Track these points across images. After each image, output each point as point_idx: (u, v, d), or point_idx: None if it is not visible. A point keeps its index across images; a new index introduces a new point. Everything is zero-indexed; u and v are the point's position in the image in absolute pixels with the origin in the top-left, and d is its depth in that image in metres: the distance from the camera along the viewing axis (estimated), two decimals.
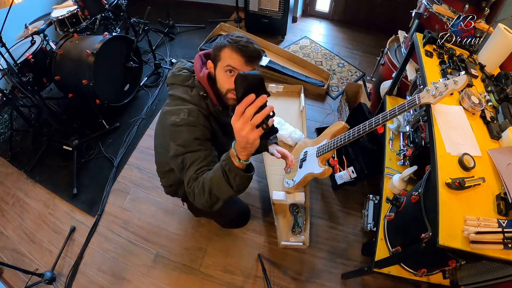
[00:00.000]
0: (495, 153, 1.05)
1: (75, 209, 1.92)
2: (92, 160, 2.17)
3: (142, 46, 2.70)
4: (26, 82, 1.86)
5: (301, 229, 1.74)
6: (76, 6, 2.18)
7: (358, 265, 1.69)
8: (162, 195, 1.94)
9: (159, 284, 1.63)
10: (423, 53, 1.42)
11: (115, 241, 1.78)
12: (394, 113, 1.25)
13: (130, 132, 2.32)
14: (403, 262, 1.30)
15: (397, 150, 1.70)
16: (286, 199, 1.81)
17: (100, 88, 2.09)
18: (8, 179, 2.10)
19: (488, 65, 1.41)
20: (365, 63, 2.93)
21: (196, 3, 3.63)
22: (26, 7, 2.13)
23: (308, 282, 1.63)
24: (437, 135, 1.08)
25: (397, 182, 1.51)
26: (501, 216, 0.91)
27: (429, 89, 1.14)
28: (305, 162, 1.72)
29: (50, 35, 2.20)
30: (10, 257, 1.75)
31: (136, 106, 2.51)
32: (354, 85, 2.40)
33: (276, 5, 2.87)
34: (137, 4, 3.12)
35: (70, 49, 2.11)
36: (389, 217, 1.39)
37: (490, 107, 1.24)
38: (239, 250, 1.74)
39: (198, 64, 1.12)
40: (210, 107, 1.11)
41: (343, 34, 3.29)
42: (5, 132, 2.37)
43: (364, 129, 1.35)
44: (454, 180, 0.93)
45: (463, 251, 0.85)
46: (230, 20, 3.34)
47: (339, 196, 1.98)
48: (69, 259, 1.72)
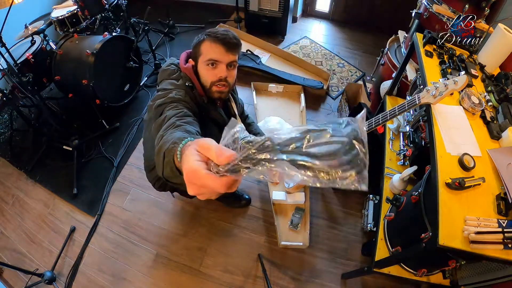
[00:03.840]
0: (495, 153, 1.05)
1: (75, 209, 1.92)
2: (92, 160, 2.16)
3: (142, 46, 2.69)
4: (26, 82, 1.86)
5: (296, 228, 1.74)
6: (76, 6, 2.18)
7: (358, 265, 1.69)
8: (162, 195, 1.94)
9: (159, 284, 1.63)
10: (423, 53, 1.42)
11: (115, 241, 1.78)
12: (394, 113, 1.25)
13: (130, 132, 2.32)
14: (403, 262, 1.30)
15: (397, 150, 1.70)
16: (286, 199, 1.81)
17: (100, 88, 2.09)
18: (8, 179, 2.10)
19: (488, 65, 1.41)
20: (365, 63, 2.93)
21: (196, 3, 3.63)
22: (26, 7, 2.13)
23: (308, 282, 1.63)
24: (437, 135, 1.08)
25: (397, 182, 1.51)
26: (501, 216, 0.91)
27: (429, 89, 1.14)
28: None
29: (50, 35, 2.20)
30: (10, 257, 1.75)
31: (136, 106, 2.51)
32: (354, 85, 2.40)
33: (276, 5, 2.87)
34: (137, 4, 3.12)
35: (70, 49, 2.11)
36: (389, 217, 1.39)
37: (490, 107, 1.24)
38: (239, 250, 1.74)
39: (183, 58, 1.16)
40: (197, 98, 1.12)
41: (343, 34, 3.29)
42: (5, 132, 2.37)
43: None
44: (454, 180, 0.93)
45: (463, 251, 0.85)
46: (230, 20, 3.34)
47: (339, 196, 1.98)
48: (69, 259, 1.72)
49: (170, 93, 1.04)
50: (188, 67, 1.12)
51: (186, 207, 1.90)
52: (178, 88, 1.08)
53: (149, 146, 1.34)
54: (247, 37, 2.98)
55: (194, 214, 1.87)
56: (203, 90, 1.15)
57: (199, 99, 1.13)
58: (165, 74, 1.15)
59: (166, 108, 0.97)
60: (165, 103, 1.00)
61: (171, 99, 1.01)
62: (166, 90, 1.07)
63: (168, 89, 1.07)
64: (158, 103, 1.02)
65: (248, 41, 2.97)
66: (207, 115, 1.18)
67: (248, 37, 2.97)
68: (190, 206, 1.90)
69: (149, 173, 1.46)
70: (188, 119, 0.92)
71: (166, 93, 1.05)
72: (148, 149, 1.39)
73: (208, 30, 1.09)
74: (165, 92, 1.06)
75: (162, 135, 0.79)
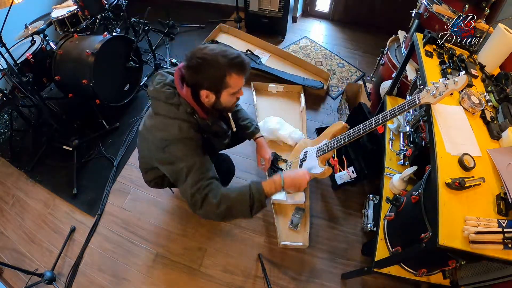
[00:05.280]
0: (495, 153, 1.05)
1: (75, 209, 1.92)
2: (92, 160, 2.17)
3: (142, 46, 2.70)
4: (26, 82, 1.86)
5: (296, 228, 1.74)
6: (76, 6, 2.19)
7: (358, 265, 1.69)
8: (162, 195, 1.95)
9: (159, 284, 1.63)
10: (423, 53, 1.42)
11: (115, 241, 1.78)
12: (394, 113, 1.25)
13: (130, 132, 2.32)
14: (403, 262, 1.30)
15: (397, 150, 1.70)
16: (286, 199, 1.81)
17: (100, 88, 2.09)
18: (8, 179, 2.10)
19: (488, 65, 1.41)
20: (365, 63, 2.93)
21: (196, 3, 3.63)
22: (26, 7, 2.13)
23: (308, 282, 1.63)
24: (437, 135, 1.08)
25: (397, 182, 1.51)
26: (501, 216, 0.91)
27: (429, 89, 1.14)
28: (305, 162, 1.72)
29: (50, 35, 2.20)
30: (10, 257, 1.75)
31: (136, 106, 2.51)
32: (354, 85, 2.40)
33: (276, 5, 2.87)
34: (137, 4, 3.12)
35: (70, 49, 2.11)
36: (389, 217, 1.39)
37: (490, 107, 1.24)
38: (239, 250, 1.74)
39: (179, 81, 1.09)
40: (199, 121, 1.12)
41: (343, 34, 3.29)
42: (5, 132, 2.37)
43: (364, 129, 1.35)
44: (454, 180, 0.93)
45: (463, 251, 0.85)
46: (230, 20, 3.34)
47: (339, 196, 1.98)
48: (69, 259, 1.72)
49: (173, 128, 1.05)
50: (188, 95, 1.07)
51: (186, 207, 1.90)
52: (179, 119, 1.06)
53: (145, 151, 1.31)
54: (247, 37, 2.98)
55: (194, 214, 1.86)
56: (206, 109, 1.13)
57: (201, 122, 1.12)
58: (161, 96, 1.09)
59: (177, 152, 1.05)
60: (171, 144, 1.05)
61: (177, 140, 1.05)
62: (166, 122, 1.06)
63: (169, 120, 1.06)
64: (163, 137, 1.05)
65: (248, 41, 2.97)
66: (209, 131, 1.20)
67: (248, 37, 2.97)
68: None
69: (145, 174, 1.47)
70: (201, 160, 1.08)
71: (168, 126, 1.05)
72: (144, 152, 1.36)
73: (221, 53, 1.01)
74: (165, 124, 1.06)
75: (224, 193, 1.06)
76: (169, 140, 1.05)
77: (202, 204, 1.06)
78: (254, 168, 2.11)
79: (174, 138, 1.05)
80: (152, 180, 1.46)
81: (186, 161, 1.06)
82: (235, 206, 1.05)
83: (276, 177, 1.11)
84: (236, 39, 3.02)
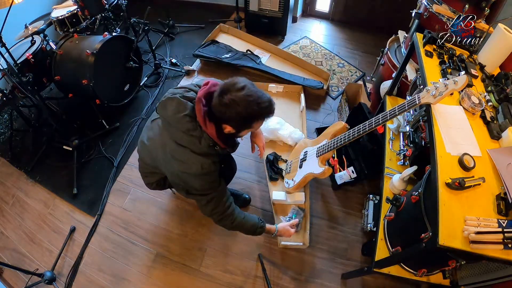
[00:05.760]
0: (495, 153, 1.05)
1: (75, 209, 1.92)
2: (92, 160, 2.17)
3: (142, 46, 2.70)
4: (26, 82, 1.86)
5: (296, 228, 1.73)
6: (76, 6, 2.19)
7: (358, 265, 1.69)
8: (162, 195, 1.95)
9: (159, 284, 1.63)
10: (423, 53, 1.42)
11: (115, 241, 1.78)
12: (394, 113, 1.25)
13: (130, 132, 2.32)
14: (403, 262, 1.30)
15: (397, 150, 1.70)
16: (286, 199, 1.81)
17: (100, 88, 2.09)
18: (8, 179, 2.10)
19: (488, 65, 1.41)
20: (365, 63, 2.93)
21: (196, 3, 3.63)
22: (26, 7, 2.14)
23: (308, 282, 1.63)
24: (437, 135, 1.08)
25: (397, 182, 1.51)
26: (501, 216, 0.91)
27: (429, 89, 1.14)
28: (305, 162, 1.72)
29: (50, 35, 2.20)
30: (10, 257, 1.75)
31: (136, 106, 2.51)
32: (354, 85, 2.40)
33: (276, 5, 2.87)
34: (137, 4, 3.12)
35: (70, 49, 2.11)
36: (389, 217, 1.39)
37: (490, 107, 1.24)
38: (239, 250, 1.74)
39: (201, 115, 1.07)
40: (219, 151, 1.15)
41: (343, 34, 3.29)
42: (5, 132, 2.37)
43: (364, 129, 1.35)
44: (454, 180, 0.93)
45: (463, 251, 0.85)
46: (230, 20, 3.34)
47: (339, 196, 1.98)
48: (69, 259, 1.72)
49: (195, 165, 1.11)
50: (212, 132, 1.08)
51: (186, 207, 1.90)
52: (202, 155, 1.11)
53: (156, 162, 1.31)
54: (247, 37, 2.98)
55: (194, 214, 1.87)
56: (226, 138, 1.15)
57: (221, 151, 1.16)
58: (182, 127, 1.08)
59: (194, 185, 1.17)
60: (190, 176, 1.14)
61: (196, 175, 1.13)
62: (188, 156, 1.11)
63: (191, 154, 1.10)
64: (183, 170, 1.13)
65: (248, 41, 2.97)
66: (227, 154, 1.33)
67: (248, 37, 2.97)
68: (190, 206, 1.90)
69: (146, 177, 1.48)
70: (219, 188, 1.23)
71: (189, 161, 1.11)
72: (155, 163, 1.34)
73: (258, 107, 1.05)
74: (187, 158, 1.11)
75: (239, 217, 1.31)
76: (188, 173, 1.13)
77: (218, 222, 1.29)
78: (254, 168, 2.11)
79: (195, 174, 1.12)
80: (154, 182, 1.46)
81: (204, 194, 1.20)
82: (244, 227, 1.34)
83: (273, 227, 1.46)
84: (236, 39, 3.02)
